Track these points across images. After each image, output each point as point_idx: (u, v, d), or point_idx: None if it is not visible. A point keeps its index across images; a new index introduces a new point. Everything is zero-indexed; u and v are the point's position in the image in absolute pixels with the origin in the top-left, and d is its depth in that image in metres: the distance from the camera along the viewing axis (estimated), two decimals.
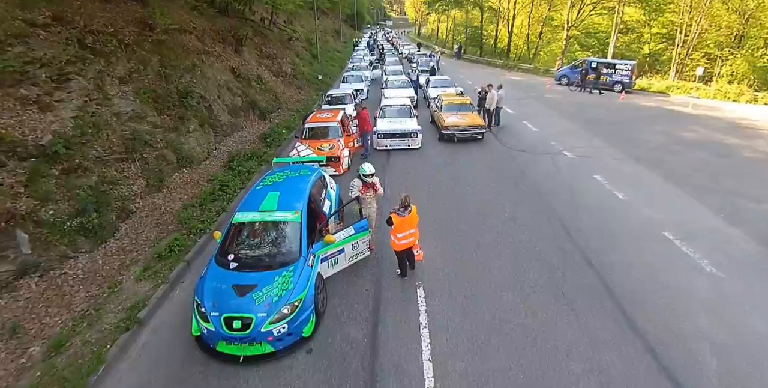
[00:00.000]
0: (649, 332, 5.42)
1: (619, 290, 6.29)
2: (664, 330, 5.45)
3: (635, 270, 6.77)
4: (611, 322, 5.64)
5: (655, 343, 5.25)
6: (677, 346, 5.19)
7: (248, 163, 11.85)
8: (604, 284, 6.42)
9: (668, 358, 5.02)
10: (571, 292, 6.26)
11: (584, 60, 26.16)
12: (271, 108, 17.01)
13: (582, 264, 6.94)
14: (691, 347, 5.18)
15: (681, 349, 5.14)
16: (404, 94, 18.27)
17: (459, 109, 14.10)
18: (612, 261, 6.99)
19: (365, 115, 11.90)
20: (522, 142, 13.72)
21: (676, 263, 7.01)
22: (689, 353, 5.09)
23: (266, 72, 19.77)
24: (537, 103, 20.53)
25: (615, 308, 5.90)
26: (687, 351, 5.11)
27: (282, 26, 30.68)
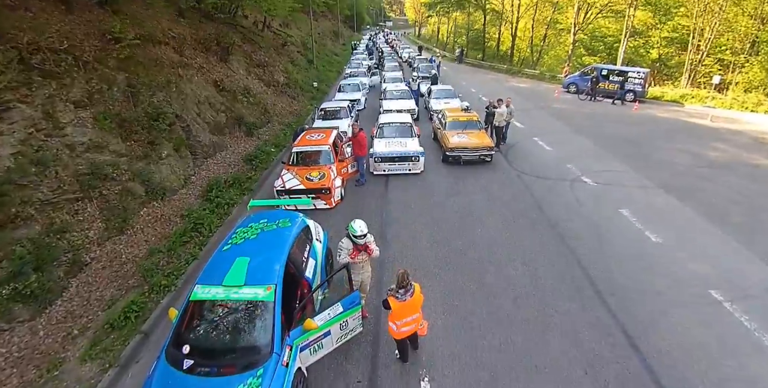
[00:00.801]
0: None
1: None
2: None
3: (689, 354, 5.48)
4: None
5: None
6: None
7: (229, 192, 10.56)
8: (656, 380, 5.13)
9: None
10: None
11: (594, 67, 24.85)
12: (259, 123, 15.69)
13: (624, 346, 5.64)
14: None
15: None
16: (404, 107, 16.97)
17: (465, 127, 12.78)
18: (659, 345, 5.67)
19: (362, 137, 10.59)
20: (535, 165, 12.41)
21: (734, 341, 5.72)
22: None
23: (256, 82, 18.45)
24: (546, 115, 19.23)
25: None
26: None
27: (277, 30, 29.34)
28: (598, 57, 34.83)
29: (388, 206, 9.91)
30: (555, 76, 29.89)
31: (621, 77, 23.25)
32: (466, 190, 10.69)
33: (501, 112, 13.22)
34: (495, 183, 11.12)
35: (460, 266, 7.46)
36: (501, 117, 13.29)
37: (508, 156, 13.33)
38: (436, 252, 7.90)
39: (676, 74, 34.01)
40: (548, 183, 11.13)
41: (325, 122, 14.77)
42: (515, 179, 11.39)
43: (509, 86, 28.03)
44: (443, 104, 17.36)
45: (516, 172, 11.96)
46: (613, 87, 23.41)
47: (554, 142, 14.68)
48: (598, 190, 10.66)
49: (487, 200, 10.07)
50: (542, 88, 27.54)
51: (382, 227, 8.90)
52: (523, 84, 28.92)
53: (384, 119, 13.02)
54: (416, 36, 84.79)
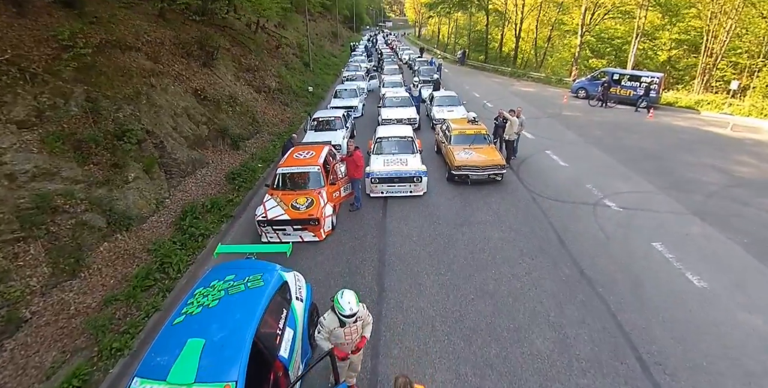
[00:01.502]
0: None
1: None
2: None
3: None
4: None
5: None
6: None
7: (205, 220, 9.30)
8: None
9: None
10: None
11: (604, 71, 23.58)
12: (246, 134, 14.42)
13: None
14: None
15: None
16: (405, 116, 15.72)
17: (472, 142, 11.51)
18: None
19: (359, 157, 9.32)
20: (551, 185, 11.15)
21: None
22: None
23: (245, 88, 17.17)
24: (557, 123, 17.96)
25: None
26: None
27: (271, 31, 28.07)
28: (605, 60, 33.56)
29: (386, 237, 8.64)
30: (561, 80, 28.64)
31: (634, 82, 22.01)
32: (475, 217, 9.42)
33: (513, 125, 11.94)
34: (508, 208, 9.85)
35: (472, 327, 6.19)
36: (512, 130, 12.02)
37: (520, 173, 12.07)
38: (444, 305, 6.63)
39: (685, 77, 32.81)
40: (568, 208, 9.87)
41: (317, 134, 13.50)
42: (530, 203, 10.13)
43: (514, 90, 26.78)
44: (446, 113, 16.13)
45: (531, 193, 10.69)
46: (625, 92, 22.19)
47: (569, 156, 13.42)
48: (624, 218, 9.40)
49: (500, 231, 8.80)
50: (549, 92, 26.28)
51: (379, 267, 7.64)
52: (529, 88, 27.66)
53: (382, 132, 11.73)
54: (416, 37, 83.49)
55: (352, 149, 9.27)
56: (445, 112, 16.16)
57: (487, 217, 9.40)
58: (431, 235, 8.67)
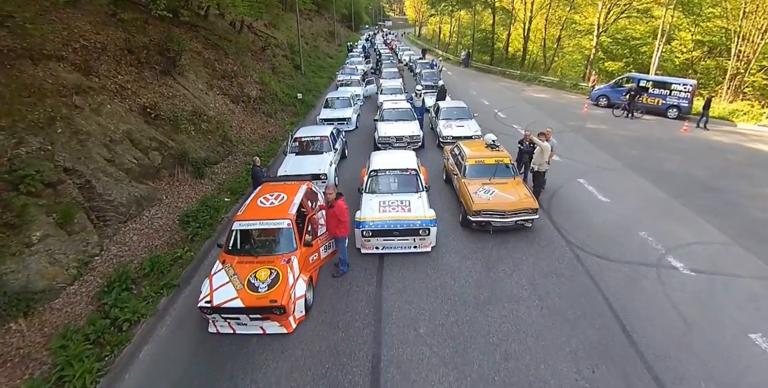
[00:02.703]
0: None
1: None
2: None
3: None
4: None
5: None
6: None
7: (140, 291, 6.84)
8: None
9: None
10: None
11: (628, 76, 21.08)
12: (214, 157, 11.92)
13: None
14: None
15: None
16: (406, 132, 13.22)
17: (494, 174, 9.02)
18: None
19: (341, 209, 6.77)
20: (594, 232, 8.68)
21: None
22: None
23: (219, 98, 14.67)
24: (583, 139, 15.47)
25: None
26: None
27: (260, 31, 25.56)
28: (622, 62, 31.08)
29: (381, 326, 6.16)
30: (577, 85, 26.14)
31: (663, 89, 19.54)
32: (503, 289, 6.92)
33: (544, 152, 9.41)
34: (546, 273, 7.35)
35: None
36: (543, 158, 9.49)
37: (552, 212, 9.57)
38: None
39: (709, 83, 30.31)
40: (624, 271, 7.39)
41: (299, 160, 10.99)
42: (573, 264, 7.64)
43: (526, 97, 24.26)
44: (456, 128, 13.65)
45: (571, 246, 8.20)
46: (652, 101, 19.71)
47: (608, 187, 10.94)
48: (701, 288, 6.94)
49: (541, 315, 6.31)
50: (565, 99, 23.77)
51: (371, 375, 5.19)
52: (542, 94, 25.13)
53: (378, 163, 9.20)
54: (416, 36, 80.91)
55: (332, 198, 6.73)
56: (453, 128, 13.67)
57: (519, 289, 6.91)
58: (444, 323, 6.17)
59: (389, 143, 13.02)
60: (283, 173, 10.40)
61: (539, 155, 9.50)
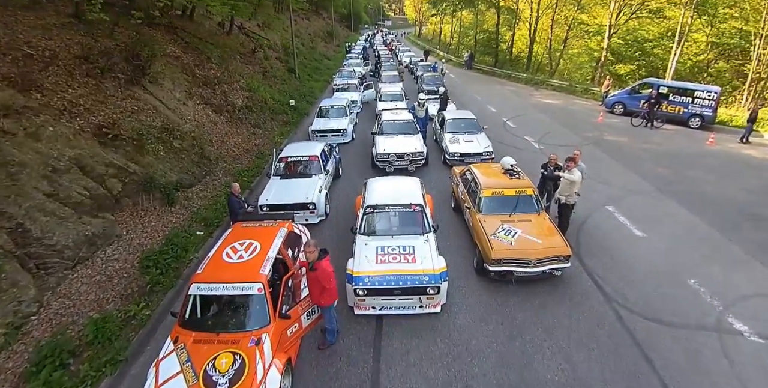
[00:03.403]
0: None
1: None
2: None
3: None
4: None
5: None
6: None
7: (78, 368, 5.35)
8: None
9: None
10: None
11: (646, 82, 19.56)
12: (189, 179, 10.39)
13: None
14: None
15: None
16: (407, 148, 11.70)
17: (515, 209, 7.50)
18: None
19: (326, 274, 5.17)
20: (635, 281, 7.18)
21: None
22: None
23: (199, 109, 13.15)
24: (603, 154, 13.95)
25: None
26: None
27: (251, 32, 24.03)
28: (634, 65, 29.57)
29: None
30: (588, 90, 24.61)
31: (685, 96, 18.04)
32: (533, 371, 5.39)
33: (574, 183, 7.88)
34: (584, 345, 5.82)
35: None
36: (573, 188, 7.95)
37: (582, 252, 8.06)
38: None
39: (716, 84, 28.79)
40: (679, 341, 5.90)
41: (283, 184, 9.46)
42: (617, 330, 6.12)
43: (536, 103, 22.73)
44: (464, 143, 12.16)
45: (610, 302, 6.69)
46: (673, 109, 18.21)
47: (640, 217, 9.45)
48: None
49: None
50: (576, 105, 22.24)
51: None
52: (552, 99, 23.57)
53: (376, 194, 7.64)
54: (416, 36, 79.31)
55: (314, 258, 5.16)
56: (461, 143, 12.15)
57: (554, 370, 5.40)
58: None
59: (389, 161, 11.50)
60: (264, 202, 8.89)
61: (568, 186, 7.97)
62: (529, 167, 11.42)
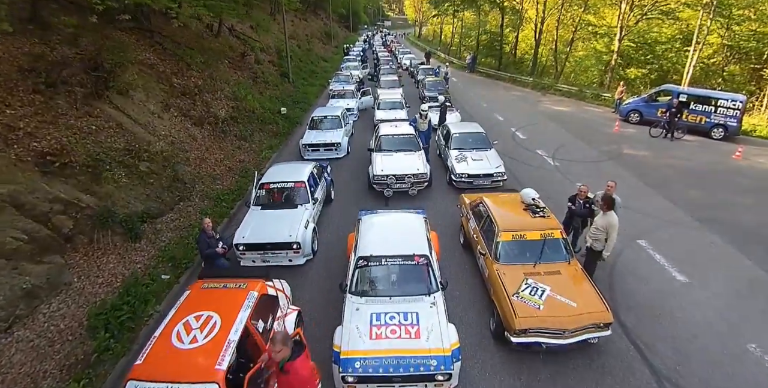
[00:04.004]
0: None
1: None
2: None
3: None
4: None
5: None
6: None
7: None
8: None
9: None
10: None
11: (665, 89, 18.23)
12: (157, 208, 9.05)
13: None
14: None
15: None
16: (408, 170, 10.34)
17: (540, 256, 6.14)
18: None
19: (301, 376, 3.79)
20: (687, 349, 5.85)
21: None
22: None
23: (176, 122, 11.82)
24: (626, 173, 12.60)
25: None
26: None
27: (243, 35, 22.68)
28: (645, 69, 28.24)
29: None
30: (599, 95, 23.25)
31: (707, 105, 16.71)
32: None
33: (612, 226, 6.45)
34: None
35: None
36: (614, 232, 6.52)
37: (617, 303, 6.70)
38: None
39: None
40: None
41: (264, 217, 8.10)
42: None
43: (545, 110, 21.37)
44: (472, 163, 10.82)
45: (660, 382, 5.36)
46: (694, 118, 16.89)
47: (680, 255, 8.11)
48: None
49: None
50: (588, 113, 20.88)
51: None
52: (562, 106, 22.19)
53: (370, 241, 6.18)
54: (416, 37, 77.94)
55: (285, 356, 3.73)
56: (469, 162, 10.79)
57: None
58: None
59: (387, 184, 10.16)
60: (240, 240, 7.55)
61: (601, 230, 6.58)
62: (546, 190, 10.19)
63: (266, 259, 7.66)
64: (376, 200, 10.46)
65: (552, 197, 10.53)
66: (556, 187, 11.14)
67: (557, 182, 11.57)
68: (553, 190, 10.96)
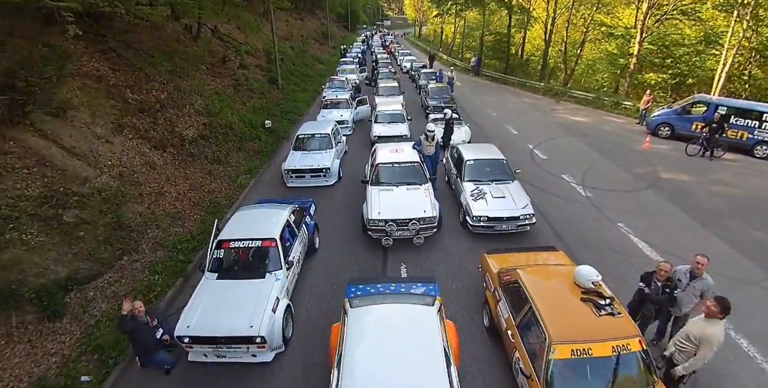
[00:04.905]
0: None
1: None
2: None
3: None
4: None
5: None
6: None
7: None
8: None
9: None
10: None
11: (700, 101, 16.12)
12: (90, 269, 6.94)
13: None
14: None
15: None
16: (413, 212, 8.22)
17: (613, 381, 4.07)
18: None
19: None
20: None
21: None
22: None
23: (130, 146, 9.73)
24: (669, 203, 10.55)
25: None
26: None
27: (227, 37, 20.55)
28: (667, 75, 26.14)
29: None
30: (619, 104, 21.13)
31: (750, 119, 14.63)
32: None
33: (706, 338, 4.28)
34: None
35: None
36: (694, 347, 4.42)
37: None
38: None
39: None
40: None
41: (217, 295, 5.95)
42: None
43: (561, 120, 19.26)
44: (493, 202, 8.67)
45: None
46: (734, 134, 14.80)
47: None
48: None
49: None
50: (611, 125, 18.75)
51: None
52: (580, 116, 19.99)
53: (361, 358, 4.15)
54: (416, 36, 75.77)
55: None
56: (488, 201, 8.62)
57: None
58: None
59: (385, 232, 8.05)
60: (185, 332, 5.45)
61: (693, 341, 4.45)
62: (582, 232, 8.22)
63: (221, 354, 5.58)
64: (371, 250, 8.37)
65: (592, 243, 8.49)
66: (593, 228, 9.11)
67: (593, 220, 9.50)
68: (590, 231, 8.96)
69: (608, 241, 8.59)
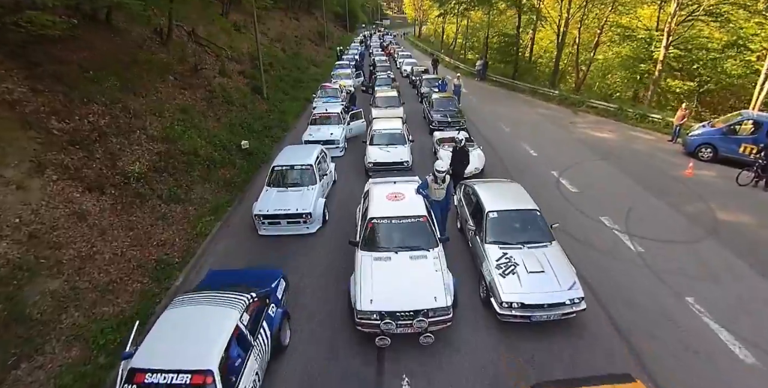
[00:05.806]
0: None
1: None
2: None
3: None
4: None
5: None
6: None
7: None
8: None
9: None
10: None
11: (748, 118, 13.81)
12: None
13: None
14: None
15: None
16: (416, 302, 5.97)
17: None
18: None
19: None
20: None
21: None
22: None
23: (55, 191, 7.47)
24: (736, 260, 8.30)
25: None
26: None
27: (206, 40, 18.28)
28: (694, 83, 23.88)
29: None
30: (645, 116, 18.83)
31: None
32: None
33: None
34: None
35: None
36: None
37: None
38: None
39: None
40: None
41: None
42: None
43: (584, 137, 16.92)
44: (527, 278, 6.43)
45: None
46: None
47: None
48: None
49: None
50: (640, 142, 16.42)
51: None
52: (604, 132, 17.51)
53: None
54: (416, 37, 73.39)
55: None
56: (522, 278, 6.31)
57: None
58: None
59: (380, 329, 5.77)
60: None
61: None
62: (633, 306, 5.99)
63: None
64: (362, 350, 6.09)
65: (659, 336, 6.27)
66: (658, 308, 6.86)
67: (655, 294, 7.22)
68: (654, 313, 6.74)
69: (681, 332, 6.33)
